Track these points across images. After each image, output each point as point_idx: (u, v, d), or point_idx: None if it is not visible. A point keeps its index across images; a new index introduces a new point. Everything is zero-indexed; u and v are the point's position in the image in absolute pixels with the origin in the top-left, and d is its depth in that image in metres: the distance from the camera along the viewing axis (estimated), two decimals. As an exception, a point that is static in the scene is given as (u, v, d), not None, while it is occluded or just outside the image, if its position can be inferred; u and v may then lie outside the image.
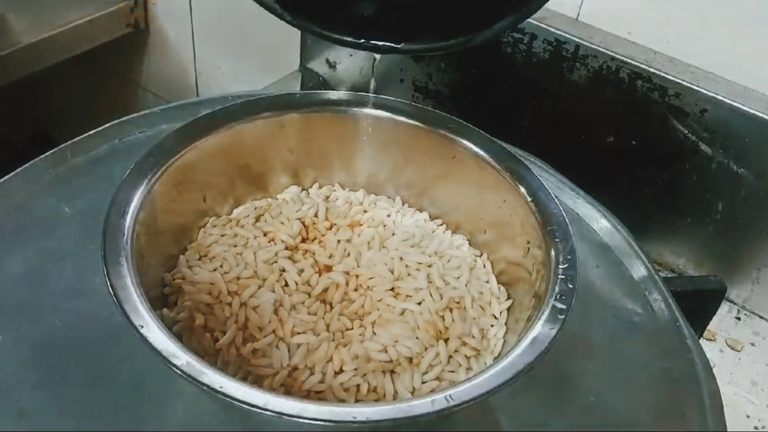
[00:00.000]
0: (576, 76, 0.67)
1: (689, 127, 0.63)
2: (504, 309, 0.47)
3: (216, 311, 0.44)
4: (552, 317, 0.39)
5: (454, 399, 0.35)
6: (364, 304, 0.46)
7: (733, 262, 0.67)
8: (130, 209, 0.42)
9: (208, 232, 0.49)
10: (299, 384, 0.41)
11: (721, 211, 0.65)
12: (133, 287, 0.38)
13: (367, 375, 0.42)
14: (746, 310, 0.69)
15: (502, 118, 0.72)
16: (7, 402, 0.41)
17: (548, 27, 0.66)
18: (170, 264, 0.47)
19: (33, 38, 0.91)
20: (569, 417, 0.45)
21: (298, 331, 0.43)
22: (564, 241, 0.43)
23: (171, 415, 0.41)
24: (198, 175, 0.48)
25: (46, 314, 0.45)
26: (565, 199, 0.57)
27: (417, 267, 0.48)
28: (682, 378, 0.47)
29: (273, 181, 0.53)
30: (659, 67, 0.63)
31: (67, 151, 0.55)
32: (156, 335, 0.36)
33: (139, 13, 1.01)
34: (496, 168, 0.48)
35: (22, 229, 0.50)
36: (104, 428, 0.41)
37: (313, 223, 0.50)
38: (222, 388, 0.34)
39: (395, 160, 0.53)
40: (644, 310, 0.51)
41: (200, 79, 1.05)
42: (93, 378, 0.42)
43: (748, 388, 0.62)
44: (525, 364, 0.37)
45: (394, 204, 0.54)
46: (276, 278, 0.46)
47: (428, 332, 0.44)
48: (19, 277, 0.47)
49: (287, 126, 0.51)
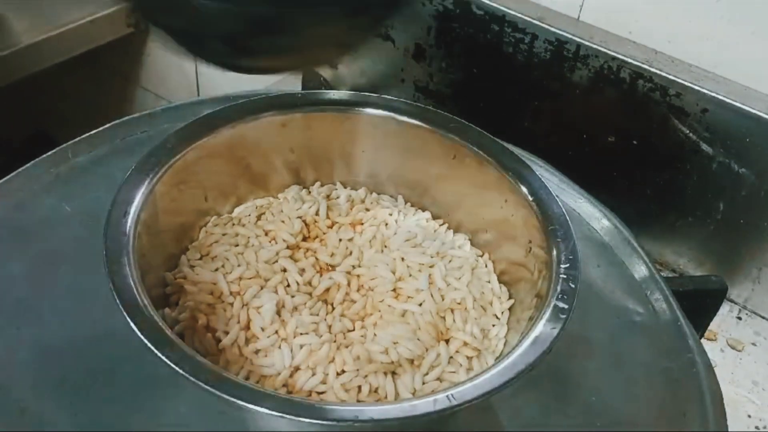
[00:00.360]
0: (577, 75, 0.67)
1: (690, 127, 0.63)
2: (505, 309, 0.48)
3: (218, 311, 0.44)
4: (554, 317, 0.39)
5: (456, 398, 0.35)
6: (365, 305, 0.46)
7: (734, 262, 0.67)
8: (132, 209, 0.42)
9: (210, 231, 0.49)
10: (301, 384, 0.41)
11: (722, 210, 0.65)
12: (134, 286, 0.38)
13: (369, 376, 0.42)
14: (747, 310, 0.69)
15: (503, 117, 0.73)
16: (8, 401, 0.41)
17: (549, 27, 0.66)
18: (171, 263, 0.47)
19: (34, 38, 0.91)
20: (570, 417, 0.45)
21: (301, 332, 0.43)
22: (565, 241, 0.43)
23: (172, 416, 0.41)
24: (199, 174, 0.48)
25: (46, 314, 0.45)
26: (566, 199, 0.57)
27: (419, 268, 0.48)
28: (683, 378, 0.47)
29: (274, 180, 0.53)
30: (660, 66, 0.63)
31: (68, 150, 0.55)
32: (158, 335, 0.36)
33: (140, 13, 1.01)
34: (498, 167, 0.48)
35: (23, 228, 0.50)
36: (105, 428, 0.41)
37: (315, 221, 0.50)
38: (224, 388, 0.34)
39: (396, 160, 0.53)
40: (645, 309, 0.51)
41: (201, 79, 1.05)
42: (94, 378, 0.42)
43: (749, 388, 0.62)
44: (527, 363, 0.37)
45: (396, 203, 0.54)
46: (279, 280, 0.46)
47: (429, 333, 0.44)
48: (19, 276, 0.47)
49: (289, 125, 0.51)
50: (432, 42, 0.73)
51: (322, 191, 0.54)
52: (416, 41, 0.74)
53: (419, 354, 0.43)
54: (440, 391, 0.36)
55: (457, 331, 0.45)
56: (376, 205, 0.53)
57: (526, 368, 0.37)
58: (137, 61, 1.10)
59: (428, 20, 0.72)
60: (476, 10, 0.69)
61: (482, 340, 0.45)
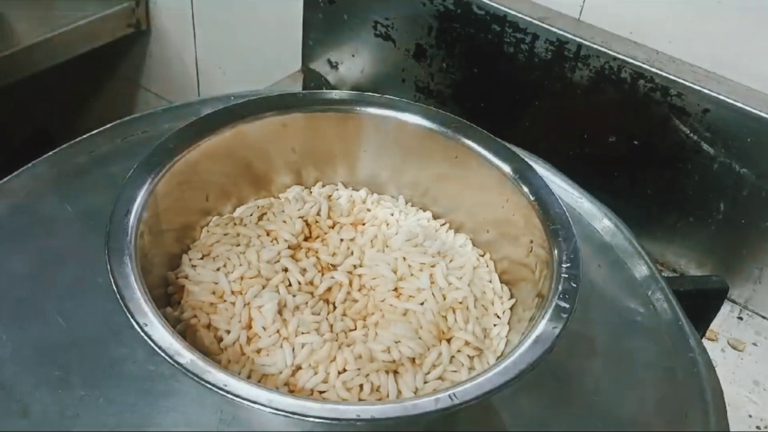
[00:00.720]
0: (578, 76, 0.67)
1: (691, 127, 0.63)
2: (507, 308, 0.48)
3: (219, 311, 0.44)
4: (555, 316, 0.39)
5: (458, 397, 0.35)
6: (367, 305, 0.46)
7: (735, 262, 0.67)
8: (134, 208, 0.42)
9: (211, 231, 0.49)
10: (302, 383, 0.41)
11: (723, 210, 0.65)
12: (136, 285, 0.38)
13: (370, 375, 0.42)
14: (748, 310, 0.69)
15: (504, 118, 0.73)
16: (10, 401, 0.41)
17: (550, 27, 0.66)
18: (173, 263, 0.47)
19: (35, 39, 0.91)
20: (572, 416, 0.45)
21: (302, 331, 0.43)
22: (567, 241, 0.43)
23: (174, 414, 0.41)
24: (201, 174, 0.48)
25: (48, 313, 0.45)
26: (567, 199, 0.57)
27: (420, 268, 0.48)
28: (684, 377, 0.47)
29: (275, 180, 0.53)
30: (661, 67, 0.63)
31: (69, 150, 0.55)
32: (160, 333, 0.36)
33: (141, 13, 1.01)
34: (499, 167, 0.48)
35: (25, 228, 0.50)
36: (107, 427, 0.41)
37: (316, 221, 0.50)
38: (226, 387, 0.34)
39: (398, 160, 0.53)
40: (646, 309, 0.51)
41: (201, 80, 1.05)
42: (96, 377, 0.43)
43: (750, 388, 0.62)
44: (528, 363, 0.37)
45: (397, 203, 0.54)
46: (281, 279, 0.46)
47: (431, 332, 0.44)
48: (22, 275, 0.47)
49: (290, 125, 0.51)
50: (433, 42, 0.73)
51: (323, 191, 0.54)
52: (417, 41, 0.74)
53: (421, 353, 0.43)
54: (442, 390, 0.36)
55: (459, 330, 0.45)
56: (377, 205, 0.53)
57: (528, 367, 0.37)
58: (138, 62, 1.10)
59: (429, 20, 0.72)
60: (477, 10, 0.69)
61: (483, 340, 0.45)
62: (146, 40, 1.06)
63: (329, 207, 0.51)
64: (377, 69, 0.80)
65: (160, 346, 0.35)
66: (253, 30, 0.94)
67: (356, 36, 0.79)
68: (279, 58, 0.91)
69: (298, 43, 0.84)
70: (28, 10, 0.95)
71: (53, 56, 0.93)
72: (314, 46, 0.83)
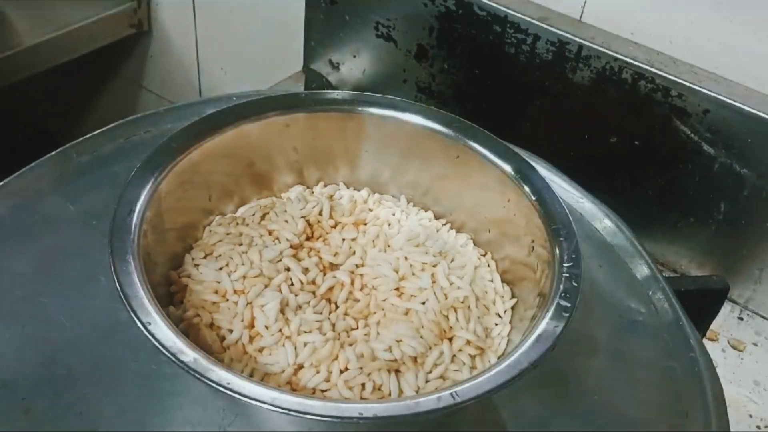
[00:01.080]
0: (579, 76, 0.67)
1: (692, 128, 0.63)
2: (508, 308, 0.48)
3: (222, 310, 0.44)
4: (557, 315, 0.39)
5: (460, 396, 0.35)
6: (369, 304, 0.46)
7: (736, 262, 0.67)
8: (137, 208, 0.42)
9: (214, 230, 0.49)
10: (304, 382, 0.41)
11: (724, 211, 0.65)
12: (139, 284, 0.38)
13: (372, 374, 0.42)
14: (749, 310, 0.69)
15: (505, 118, 0.73)
16: (13, 399, 0.41)
17: (551, 28, 0.66)
18: (176, 262, 0.47)
19: (36, 39, 0.91)
20: (573, 415, 0.45)
21: (304, 330, 0.43)
22: (568, 240, 0.43)
23: (177, 413, 0.42)
24: (203, 174, 0.48)
25: (51, 312, 0.45)
26: (568, 199, 0.57)
27: (421, 267, 0.48)
28: (685, 377, 0.47)
29: (278, 180, 0.53)
30: (662, 67, 0.63)
31: (72, 150, 0.55)
32: (163, 332, 0.36)
33: (143, 14, 1.02)
34: (500, 167, 0.48)
35: (27, 227, 0.50)
36: (110, 426, 0.41)
37: (318, 221, 0.51)
38: (229, 385, 0.34)
39: (399, 160, 0.53)
40: (647, 309, 0.51)
41: (203, 80, 1.05)
42: (99, 375, 0.43)
43: (751, 388, 0.62)
44: (530, 361, 0.37)
45: (399, 203, 0.54)
46: (283, 278, 0.46)
47: (432, 332, 0.45)
48: (25, 275, 0.47)
49: (292, 125, 0.51)
50: (434, 43, 0.74)
51: (325, 191, 0.54)
52: (418, 42, 0.75)
53: (422, 352, 0.43)
54: (443, 389, 0.36)
55: (460, 329, 0.45)
56: (379, 204, 0.53)
57: (529, 366, 0.37)
58: (140, 62, 1.10)
59: (430, 21, 0.72)
60: (478, 10, 0.69)
61: (485, 339, 0.45)
62: (148, 40, 1.06)
63: (331, 207, 0.51)
64: (378, 69, 0.80)
65: (164, 344, 0.36)
66: (255, 31, 0.94)
67: (358, 37, 0.79)
68: (280, 58, 0.91)
69: (300, 44, 0.84)
70: (30, 11, 0.95)
71: (55, 57, 0.94)
72: (316, 46, 0.83)
